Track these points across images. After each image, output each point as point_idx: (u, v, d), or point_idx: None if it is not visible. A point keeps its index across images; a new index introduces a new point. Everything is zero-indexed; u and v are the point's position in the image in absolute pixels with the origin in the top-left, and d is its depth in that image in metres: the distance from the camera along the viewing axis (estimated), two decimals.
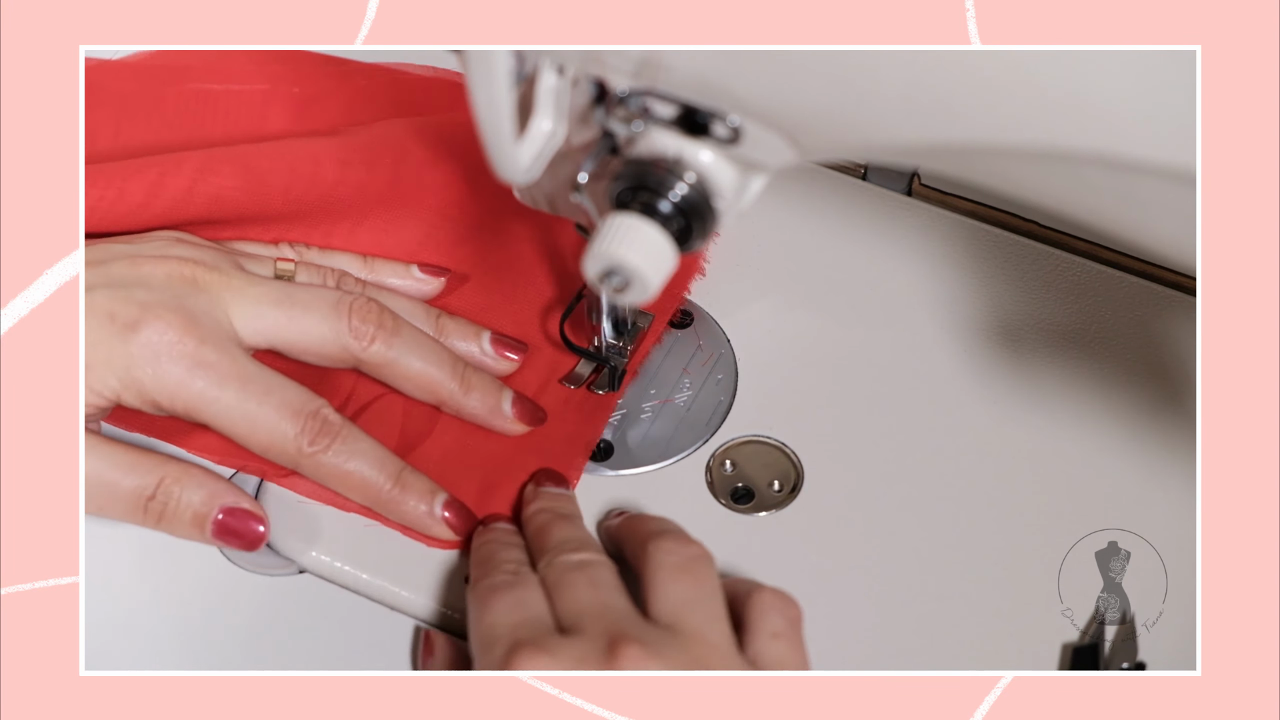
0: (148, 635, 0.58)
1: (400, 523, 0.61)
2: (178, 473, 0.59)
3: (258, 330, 0.60)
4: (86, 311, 0.57)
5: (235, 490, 0.59)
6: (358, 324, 0.61)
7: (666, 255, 0.51)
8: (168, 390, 0.58)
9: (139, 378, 0.57)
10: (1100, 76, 0.43)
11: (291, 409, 0.59)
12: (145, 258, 0.60)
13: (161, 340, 0.57)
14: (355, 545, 0.60)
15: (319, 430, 0.59)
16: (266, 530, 0.59)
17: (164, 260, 0.60)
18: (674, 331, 0.68)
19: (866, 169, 0.73)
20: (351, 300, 0.61)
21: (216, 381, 0.58)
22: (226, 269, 0.61)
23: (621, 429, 0.64)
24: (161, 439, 0.62)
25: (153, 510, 0.58)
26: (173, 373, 0.58)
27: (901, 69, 0.45)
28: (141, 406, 0.59)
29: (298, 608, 0.59)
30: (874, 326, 0.68)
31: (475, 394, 0.63)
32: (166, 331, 0.57)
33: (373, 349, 0.61)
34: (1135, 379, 0.66)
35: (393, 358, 0.62)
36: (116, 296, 0.58)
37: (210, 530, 0.58)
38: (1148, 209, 0.47)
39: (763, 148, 0.49)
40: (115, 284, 0.59)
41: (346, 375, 0.64)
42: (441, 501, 0.60)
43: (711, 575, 0.55)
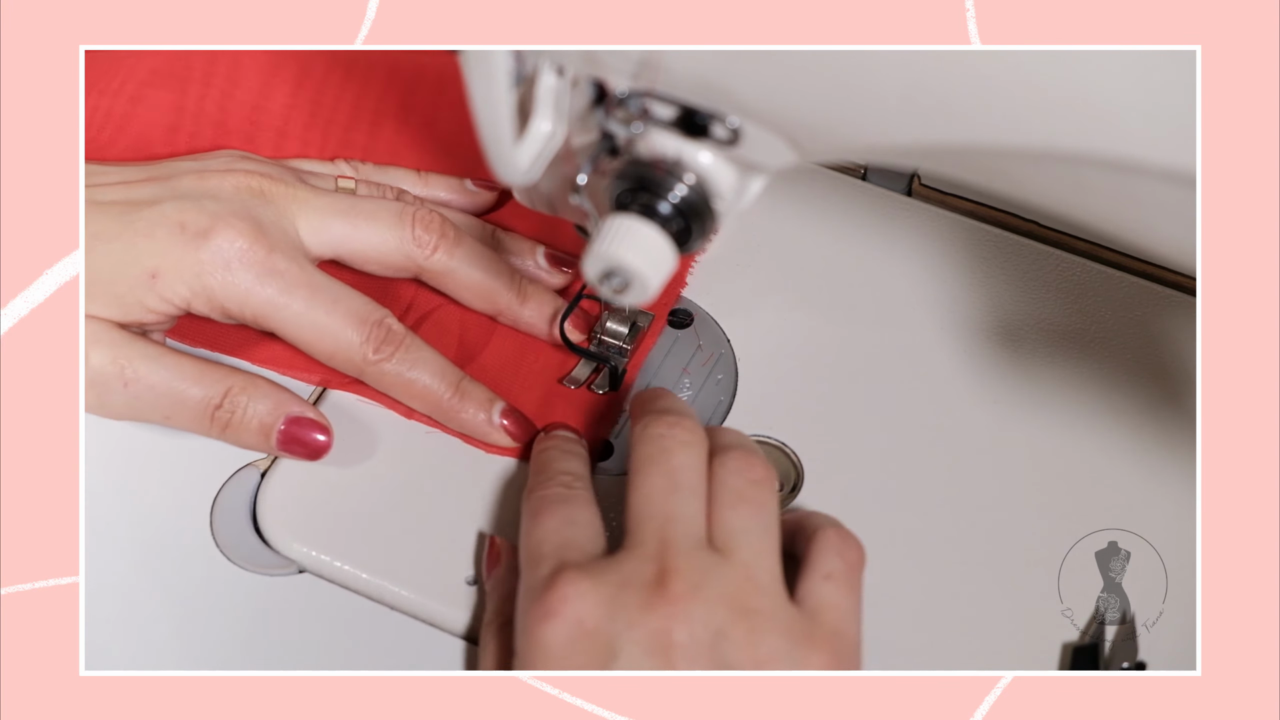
0: (148, 635, 0.58)
1: (460, 430, 0.63)
2: (244, 383, 0.60)
3: (323, 241, 0.62)
4: (157, 224, 0.59)
5: (300, 400, 0.61)
6: (421, 233, 0.63)
7: (666, 256, 0.51)
8: (237, 297, 0.59)
9: (210, 285, 0.59)
10: (1100, 76, 0.43)
11: (357, 317, 0.60)
12: (212, 171, 0.62)
13: (232, 248, 0.59)
14: (355, 545, 0.60)
15: (383, 339, 0.61)
16: (330, 440, 0.61)
17: (231, 173, 0.62)
18: (674, 331, 0.68)
19: (866, 169, 0.73)
20: (414, 211, 0.63)
21: (285, 289, 0.59)
22: (292, 182, 0.63)
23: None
24: (224, 353, 0.64)
25: (219, 419, 0.60)
26: (243, 280, 0.59)
27: (901, 69, 0.45)
28: (210, 314, 0.60)
29: (298, 608, 0.59)
30: (874, 327, 0.68)
31: (531, 304, 0.65)
32: (237, 239, 0.59)
33: (435, 258, 0.63)
34: (1135, 379, 0.66)
35: (454, 267, 0.63)
36: (186, 207, 0.59)
37: (275, 439, 0.60)
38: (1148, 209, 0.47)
39: (762, 149, 0.49)
40: (183, 195, 0.60)
41: (406, 287, 0.66)
42: (500, 409, 0.62)
43: (771, 503, 0.54)
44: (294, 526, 0.61)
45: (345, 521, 0.61)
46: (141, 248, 0.58)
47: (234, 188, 0.61)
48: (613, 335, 0.65)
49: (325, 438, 0.60)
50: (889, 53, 0.45)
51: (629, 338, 0.65)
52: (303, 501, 0.61)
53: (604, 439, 0.64)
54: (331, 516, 0.61)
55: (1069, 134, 0.44)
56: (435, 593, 0.59)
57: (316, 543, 0.60)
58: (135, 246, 0.58)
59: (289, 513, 0.61)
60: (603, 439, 0.64)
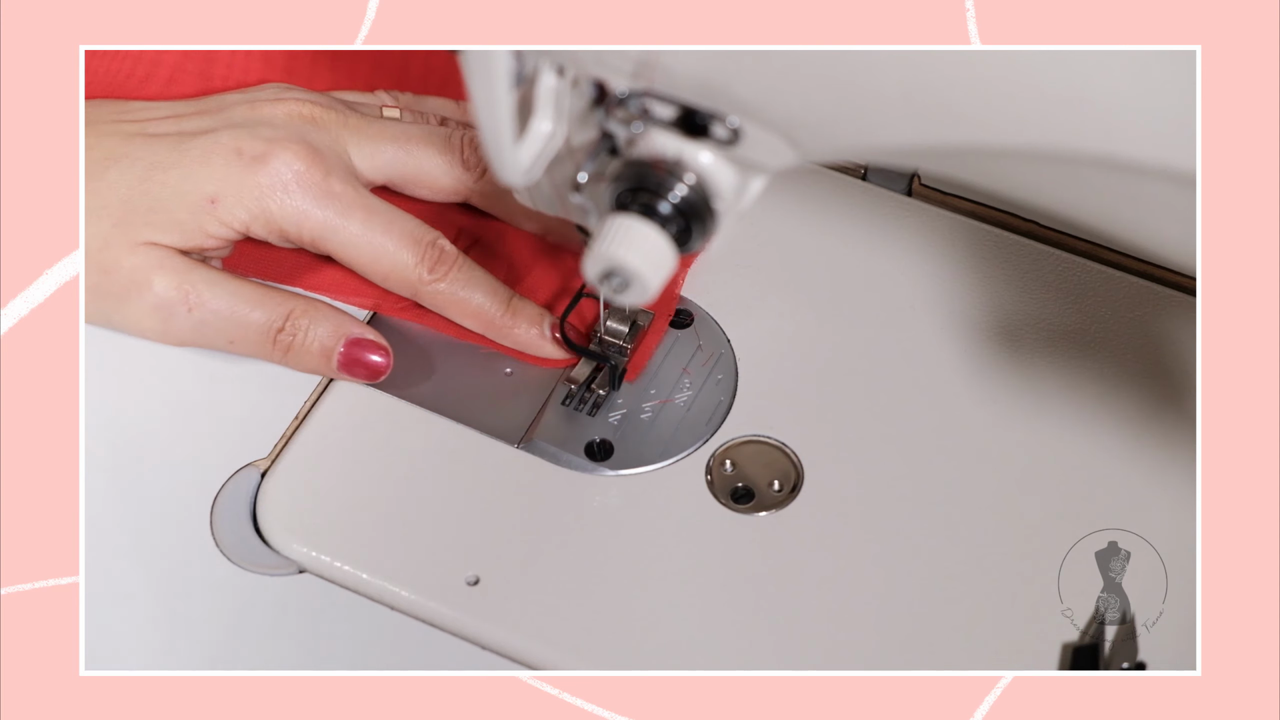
0: (148, 635, 0.58)
1: (513, 347, 0.65)
2: (304, 306, 0.62)
3: (375, 166, 0.64)
4: (213, 151, 0.60)
5: (359, 323, 0.62)
6: (469, 156, 0.64)
7: (666, 256, 0.51)
8: (295, 219, 0.60)
9: (268, 207, 0.60)
10: (1100, 76, 0.43)
11: (412, 238, 0.62)
12: (262, 101, 0.63)
13: (290, 170, 0.60)
14: (355, 545, 0.60)
15: (437, 259, 0.62)
16: (389, 361, 0.62)
17: (281, 102, 0.63)
18: (674, 331, 0.68)
19: (866, 169, 0.73)
20: (462, 134, 0.65)
21: (342, 211, 0.61)
22: (341, 110, 0.64)
23: (621, 429, 0.64)
24: (278, 281, 0.65)
25: (281, 343, 0.61)
26: (301, 202, 0.60)
27: (901, 69, 0.45)
28: (268, 237, 0.61)
29: (298, 608, 0.59)
30: (874, 326, 0.68)
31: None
32: (294, 162, 0.60)
33: (485, 179, 0.65)
34: (1135, 379, 0.66)
35: (504, 189, 0.64)
36: (241, 134, 0.61)
37: (336, 361, 0.62)
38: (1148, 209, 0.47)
39: (762, 149, 0.49)
40: (237, 124, 0.62)
41: (456, 214, 0.68)
42: (550, 324, 0.64)
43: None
44: (294, 526, 0.61)
45: (345, 521, 0.61)
46: (199, 174, 0.60)
47: (286, 114, 0.62)
48: (613, 334, 0.65)
49: (384, 359, 0.62)
50: (889, 53, 0.45)
51: (629, 337, 0.65)
52: (303, 501, 0.61)
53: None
54: (331, 516, 0.61)
55: (1069, 134, 0.44)
56: (435, 593, 0.59)
57: (316, 543, 0.60)
58: (193, 173, 0.60)
59: (289, 513, 0.61)
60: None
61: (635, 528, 0.61)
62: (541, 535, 0.61)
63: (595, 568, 0.60)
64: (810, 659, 0.57)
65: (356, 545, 0.60)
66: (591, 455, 0.63)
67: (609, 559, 0.60)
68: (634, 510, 0.62)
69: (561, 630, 0.58)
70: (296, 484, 0.62)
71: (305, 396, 0.64)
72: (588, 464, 0.63)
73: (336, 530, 0.60)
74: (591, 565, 0.60)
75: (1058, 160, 0.45)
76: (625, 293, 0.51)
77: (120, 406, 0.63)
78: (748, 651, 0.58)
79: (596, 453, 0.63)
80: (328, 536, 0.60)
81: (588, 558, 0.60)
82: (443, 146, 0.64)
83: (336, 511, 0.61)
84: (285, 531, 0.60)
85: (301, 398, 0.64)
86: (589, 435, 0.64)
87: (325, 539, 0.60)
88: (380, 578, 0.59)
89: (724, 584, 0.60)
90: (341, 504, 0.61)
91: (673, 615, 0.59)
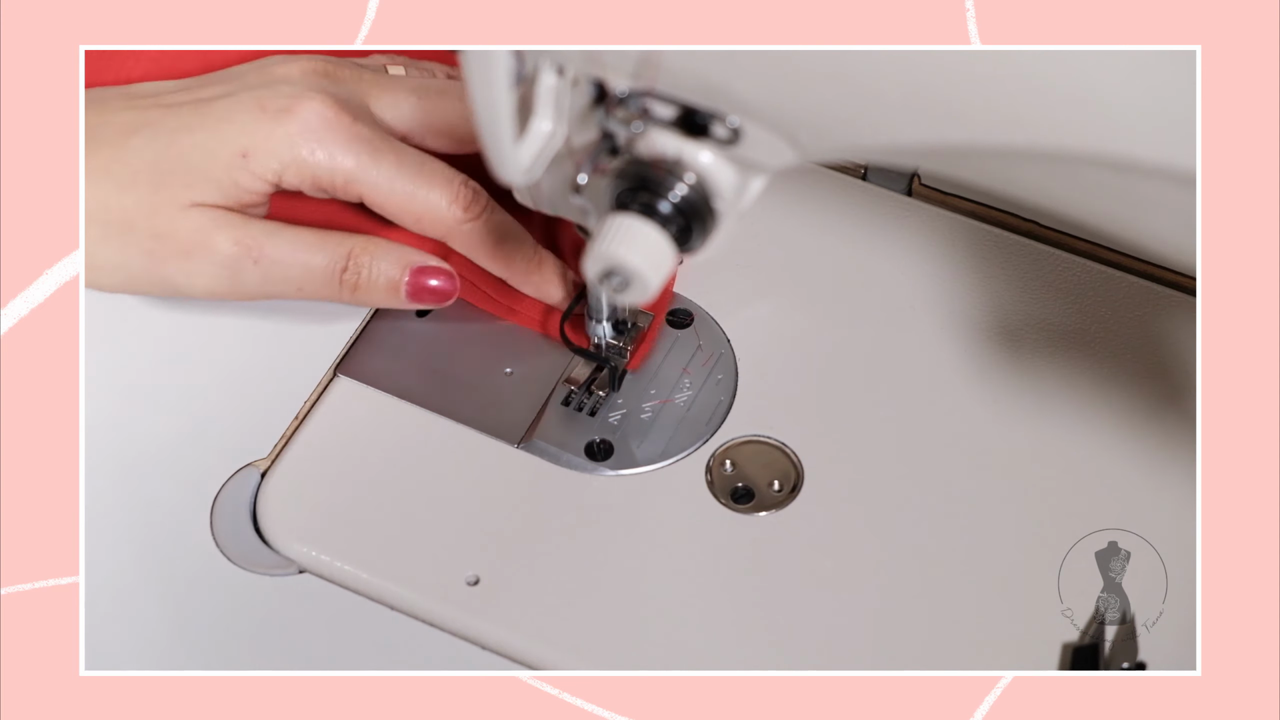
0: (148, 635, 0.58)
1: (532, 293, 0.66)
2: (364, 243, 0.62)
3: (397, 117, 0.64)
4: (235, 109, 0.60)
5: (418, 251, 0.63)
6: None
7: (666, 256, 0.51)
8: (327, 164, 0.60)
9: (300, 155, 0.60)
10: (1100, 76, 0.43)
11: (444, 178, 0.62)
12: (273, 65, 0.63)
13: (318, 118, 0.60)
14: (355, 545, 0.60)
15: (470, 199, 0.62)
16: (455, 284, 0.63)
17: (294, 61, 0.63)
18: (674, 331, 0.68)
19: (866, 169, 0.73)
20: None
21: (373, 154, 0.61)
22: (354, 67, 0.64)
23: (621, 429, 0.64)
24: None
25: (348, 282, 0.62)
26: (331, 147, 0.60)
27: (902, 69, 0.45)
28: (300, 186, 0.61)
29: (298, 608, 0.59)
30: (874, 326, 0.68)
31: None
32: (323, 110, 0.60)
33: None
34: (1135, 379, 0.66)
35: None
36: (260, 92, 0.61)
37: (405, 292, 0.62)
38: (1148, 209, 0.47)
39: (763, 148, 0.49)
40: (254, 86, 0.61)
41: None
42: (571, 278, 0.65)
43: None
44: (294, 526, 0.61)
45: (345, 521, 0.61)
46: (227, 131, 0.60)
47: (301, 72, 0.62)
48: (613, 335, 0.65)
49: (450, 282, 0.63)
50: (889, 53, 0.45)
51: (628, 338, 0.65)
52: (303, 501, 0.61)
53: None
54: (331, 516, 0.61)
55: (1069, 134, 0.44)
56: (435, 593, 0.59)
57: (316, 543, 0.60)
58: (220, 132, 0.60)
59: (289, 513, 0.61)
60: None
61: (635, 528, 0.61)
62: (541, 535, 0.61)
63: (595, 568, 0.60)
64: (810, 659, 0.57)
65: (356, 545, 0.60)
66: (591, 455, 0.63)
67: (609, 559, 0.60)
68: (634, 510, 0.62)
69: (561, 630, 0.58)
70: (296, 484, 0.62)
71: (305, 397, 0.64)
72: (588, 464, 0.63)
73: (336, 530, 0.60)
74: (591, 565, 0.60)
75: (1058, 160, 0.45)
76: (625, 292, 0.51)
77: (120, 406, 0.63)
78: (748, 651, 0.58)
79: (596, 453, 0.63)
80: (328, 536, 0.60)
81: (588, 558, 0.60)
82: (461, 95, 0.63)
83: (336, 511, 0.61)
84: (285, 531, 0.60)
85: (301, 398, 0.64)
86: (589, 435, 0.64)
87: (325, 539, 0.60)
88: (380, 578, 0.59)
89: (724, 584, 0.60)
90: (341, 504, 0.61)
91: (673, 615, 0.59)
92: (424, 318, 0.68)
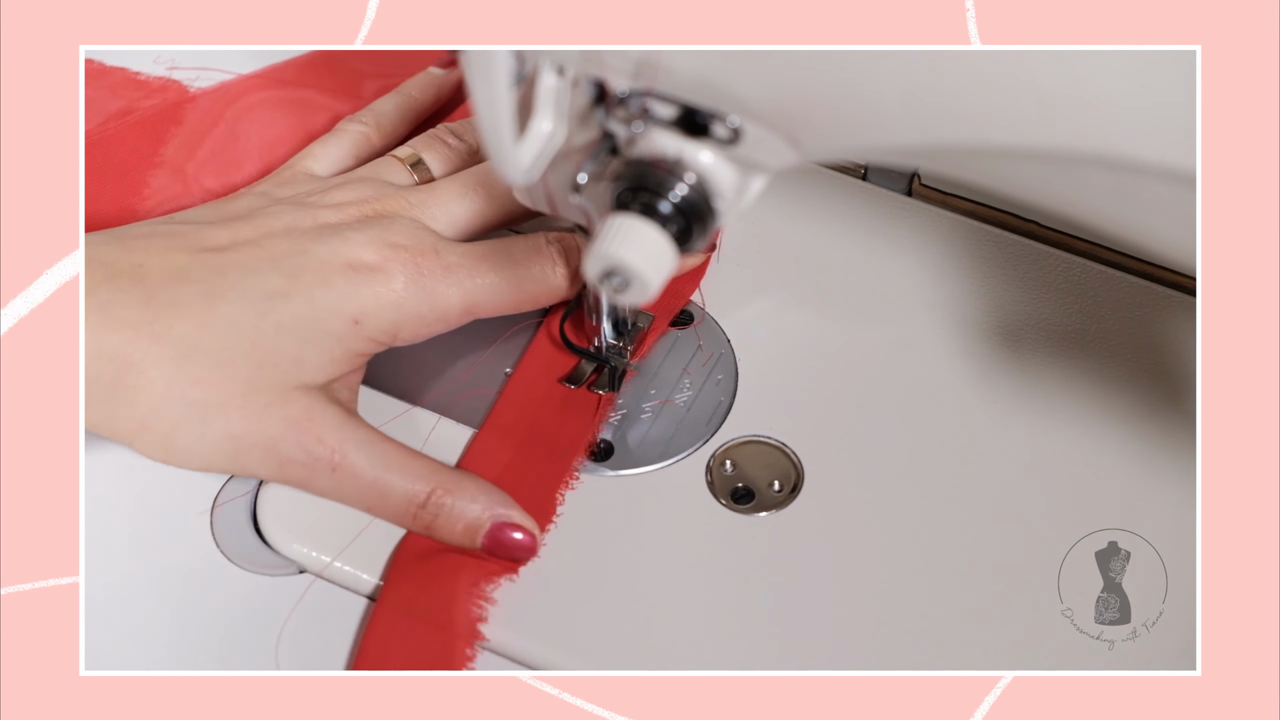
0: (148, 635, 0.58)
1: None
2: (449, 483, 0.59)
3: (454, 227, 0.62)
4: (324, 270, 0.58)
5: (506, 499, 0.59)
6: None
7: (666, 256, 0.51)
8: (440, 306, 0.59)
9: (410, 309, 0.59)
10: (1100, 76, 0.43)
11: (533, 248, 0.62)
12: (314, 207, 0.61)
13: (410, 269, 0.59)
14: (355, 545, 0.60)
15: (557, 249, 0.62)
16: (535, 545, 0.59)
17: (340, 207, 0.61)
18: (674, 331, 0.68)
19: (866, 169, 0.73)
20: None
21: (471, 271, 0.60)
22: (390, 191, 0.63)
23: (621, 429, 0.64)
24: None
25: (421, 519, 0.59)
26: (437, 289, 0.59)
27: (902, 69, 0.45)
28: (413, 339, 0.60)
29: (298, 608, 0.59)
30: (874, 326, 0.68)
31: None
32: (410, 259, 0.59)
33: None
34: (1135, 379, 0.66)
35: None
36: (334, 253, 0.58)
37: (482, 538, 0.59)
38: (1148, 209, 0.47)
39: (763, 148, 0.49)
40: (317, 243, 0.59)
41: None
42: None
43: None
44: (294, 526, 0.61)
45: (345, 521, 0.61)
46: (329, 297, 0.57)
47: (356, 218, 0.61)
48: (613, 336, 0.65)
49: (530, 541, 0.59)
50: (889, 53, 0.45)
51: (629, 338, 0.65)
52: (303, 501, 0.61)
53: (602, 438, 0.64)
54: (331, 516, 0.61)
55: (1069, 134, 0.44)
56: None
57: (316, 543, 0.60)
58: (322, 298, 0.57)
59: (289, 513, 0.61)
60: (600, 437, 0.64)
61: (635, 528, 0.61)
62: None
63: (595, 568, 0.60)
64: (810, 659, 0.57)
65: (356, 545, 0.60)
66: (591, 455, 0.63)
67: (609, 559, 0.60)
68: (634, 510, 0.62)
69: (561, 630, 0.58)
70: None
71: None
72: (588, 464, 0.63)
73: (336, 530, 0.60)
74: (591, 565, 0.60)
75: (1058, 160, 0.45)
76: (625, 292, 0.51)
77: None
78: (748, 651, 0.58)
79: (596, 453, 0.64)
80: (328, 536, 0.60)
81: (588, 558, 0.60)
82: (487, 176, 0.63)
83: (336, 511, 0.61)
84: (285, 531, 0.60)
85: None
86: None
87: (325, 539, 0.60)
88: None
89: (724, 584, 0.60)
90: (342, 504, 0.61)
91: (673, 615, 0.59)
92: None
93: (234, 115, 0.73)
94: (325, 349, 0.57)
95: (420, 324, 0.60)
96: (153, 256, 0.57)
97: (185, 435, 0.57)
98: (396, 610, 0.57)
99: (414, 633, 0.56)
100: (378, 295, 0.58)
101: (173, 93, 0.74)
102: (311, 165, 0.67)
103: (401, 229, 0.60)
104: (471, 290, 0.60)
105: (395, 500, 0.59)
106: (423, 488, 0.59)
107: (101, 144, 0.71)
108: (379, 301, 0.58)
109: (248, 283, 0.57)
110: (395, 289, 0.58)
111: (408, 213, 0.62)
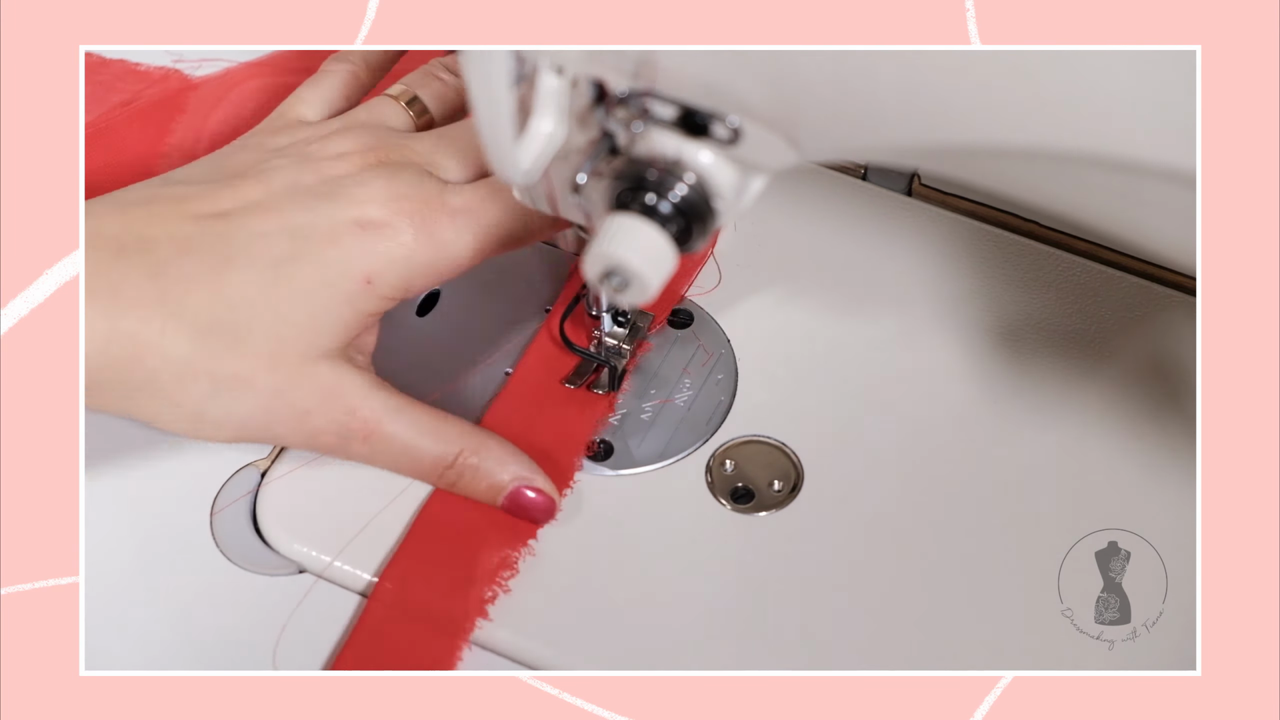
0: (148, 635, 0.58)
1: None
2: (476, 444, 0.60)
3: (460, 169, 0.61)
4: (334, 230, 0.57)
5: (529, 463, 0.61)
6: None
7: (666, 256, 0.51)
8: (451, 254, 0.58)
9: (422, 260, 0.58)
10: (1100, 76, 0.43)
11: (534, 212, 0.60)
12: (317, 160, 0.60)
13: (418, 220, 0.58)
14: (355, 545, 0.60)
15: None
16: (554, 510, 0.61)
17: (341, 158, 0.60)
18: (674, 331, 0.68)
19: (866, 169, 0.73)
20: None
21: (478, 214, 0.59)
22: (388, 137, 0.61)
23: (621, 429, 0.64)
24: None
25: (447, 478, 0.60)
26: (446, 237, 0.58)
27: (901, 69, 0.45)
28: (426, 288, 0.60)
29: (298, 608, 0.59)
30: (874, 326, 0.68)
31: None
32: (414, 212, 0.58)
33: None
34: (1135, 379, 0.66)
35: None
36: (342, 212, 0.57)
37: (503, 499, 0.60)
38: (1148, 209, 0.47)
39: (763, 148, 0.49)
40: (323, 200, 0.58)
41: None
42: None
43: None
44: (294, 526, 0.61)
45: (345, 521, 0.61)
46: (339, 258, 0.57)
47: (360, 167, 0.59)
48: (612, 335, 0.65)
49: (550, 504, 0.60)
50: (889, 53, 0.45)
51: (628, 338, 0.65)
52: (303, 501, 0.61)
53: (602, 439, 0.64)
54: (331, 516, 0.61)
55: (1069, 134, 0.44)
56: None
57: (316, 543, 0.60)
58: (332, 259, 0.56)
59: (289, 513, 0.61)
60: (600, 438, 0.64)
61: (635, 528, 0.61)
62: (542, 535, 0.61)
63: (595, 568, 0.60)
64: (810, 659, 0.57)
65: (356, 545, 0.60)
66: (591, 455, 0.63)
67: (609, 559, 0.60)
68: (634, 510, 0.62)
69: (561, 630, 0.58)
70: (296, 484, 0.62)
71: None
72: (588, 464, 0.63)
73: (336, 530, 0.60)
74: (591, 565, 0.60)
75: (1058, 160, 0.45)
76: (625, 292, 0.51)
77: None
78: (748, 651, 0.58)
79: (597, 453, 0.63)
80: (328, 536, 0.60)
81: (588, 558, 0.60)
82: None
83: (336, 511, 0.61)
84: (285, 531, 0.60)
85: None
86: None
87: (325, 539, 0.60)
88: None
89: (724, 584, 0.60)
90: (341, 504, 0.61)
91: (673, 615, 0.59)
92: (424, 317, 0.68)
93: (237, 98, 0.73)
94: (339, 312, 0.57)
95: (433, 274, 0.59)
96: (157, 226, 0.56)
97: (215, 410, 0.56)
98: (386, 606, 0.58)
99: (404, 630, 0.57)
100: (389, 251, 0.57)
101: (174, 81, 0.74)
102: (303, 110, 0.65)
103: (406, 179, 0.59)
104: (480, 232, 0.59)
105: (426, 463, 0.60)
106: (451, 449, 0.60)
107: (107, 132, 0.71)
108: (390, 257, 0.57)
109: (256, 249, 0.56)
110: (405, 242, 0.57)
111: (409, 161, 0.60)
